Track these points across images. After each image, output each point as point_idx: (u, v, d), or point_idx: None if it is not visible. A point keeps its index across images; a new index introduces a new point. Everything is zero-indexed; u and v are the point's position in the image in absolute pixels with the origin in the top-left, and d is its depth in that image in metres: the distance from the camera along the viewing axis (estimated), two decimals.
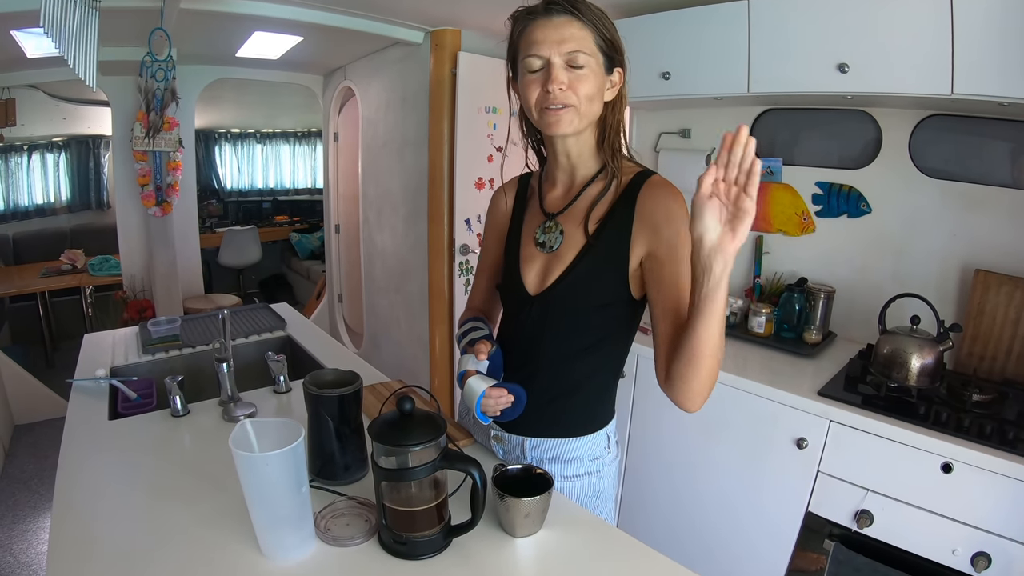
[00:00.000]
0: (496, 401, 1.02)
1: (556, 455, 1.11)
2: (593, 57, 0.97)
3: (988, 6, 1.38)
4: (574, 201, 1.09)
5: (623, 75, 1.04)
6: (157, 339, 1.86)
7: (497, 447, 1.19)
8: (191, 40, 2.91)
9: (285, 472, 0.84)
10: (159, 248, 3.56)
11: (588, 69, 0.97)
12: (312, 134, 6.56)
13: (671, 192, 1.02)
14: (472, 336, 1.15)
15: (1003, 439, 1.36)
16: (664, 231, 1.00)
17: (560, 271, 1.06)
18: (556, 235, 1.09)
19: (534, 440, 1.12)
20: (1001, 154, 1.73)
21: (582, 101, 0.98)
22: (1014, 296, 1.64)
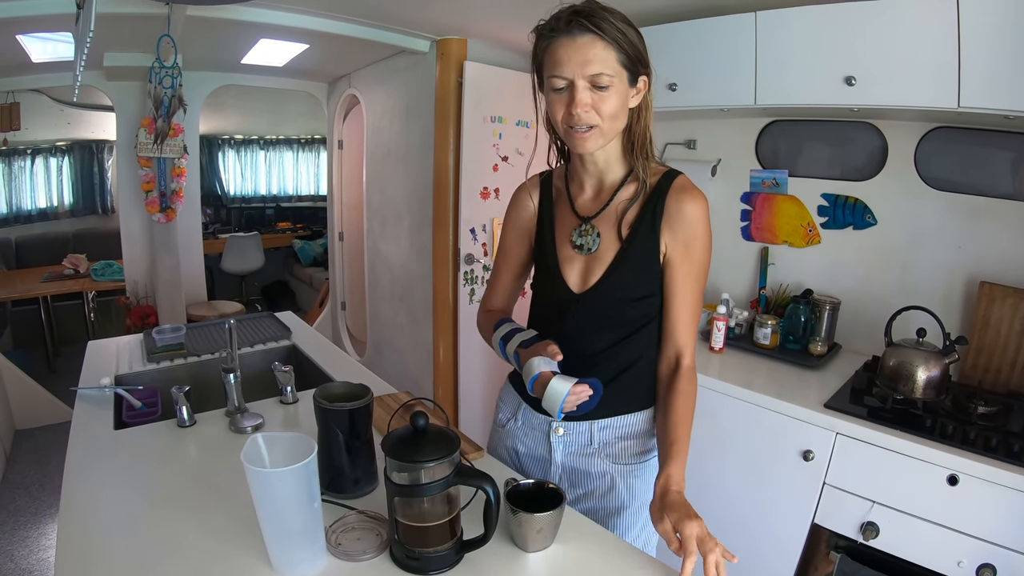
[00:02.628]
0: (578, 397, 1.02)
1: (624, 432, 1.16)
2: (616, 76, 0.99)
3: (995, 20, 1.39)
4: (607, 205, 1.13)
5: (648, 82, 1.06)
6: (162, 347, 1.86)
7: (558, 442, 1.19)
8: (197, 47, 2.91)
9: (297, 487, 0.84)
10: (162, 254, 3.57)
11: (612, 89, 0.99)
12: (316, 141, 6.57)
13: (692, 196, 1.07)
14: (522, 338, 1.15)
15: (1008, 451, 1.36)
16: (680, 233, 1.07)
17: (601, 271, 1.12)
18: (593, 238, 1.13)
19: (602, 421, 1.15)
20: (1006, 166, 1.74)
21: (605, 120, 1.01)
22: (1019, 308, 1.65)
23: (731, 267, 2.45)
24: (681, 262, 1.08)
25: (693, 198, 1.07)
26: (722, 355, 2.06)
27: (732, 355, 2.07)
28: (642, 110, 1.08)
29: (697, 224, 1.07)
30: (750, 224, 2.38)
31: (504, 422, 1.30)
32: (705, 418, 1.85)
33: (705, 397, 1.84)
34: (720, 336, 2.08)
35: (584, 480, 1.19)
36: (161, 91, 2.06)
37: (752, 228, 2.37)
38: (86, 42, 1.40)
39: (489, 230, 3.12)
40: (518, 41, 2.90)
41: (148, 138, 2.60)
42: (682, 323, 1.11)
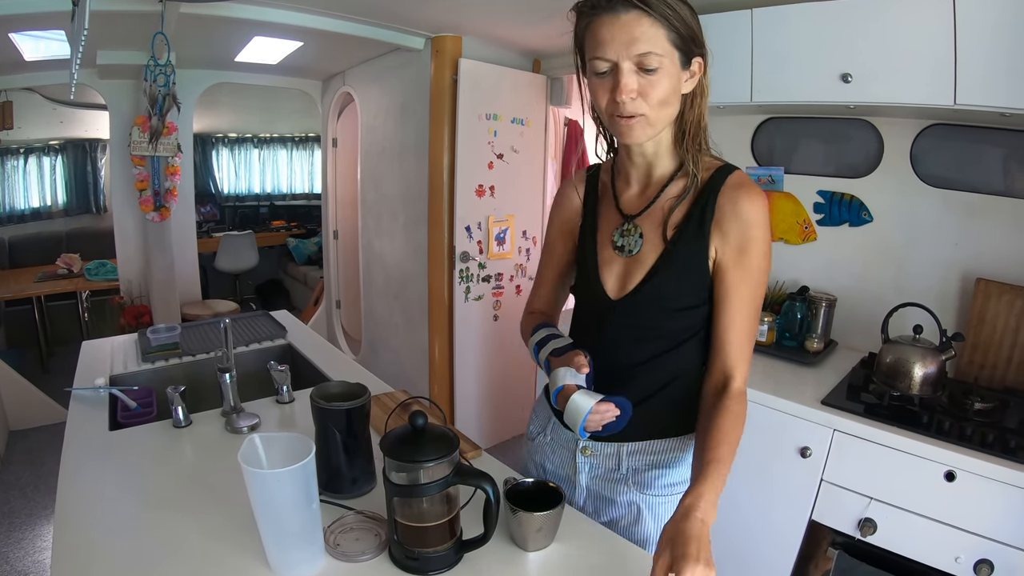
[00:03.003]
0: (602, 416, 0.94)
1: (655, 460, 1.04)
2: (667, 56, 0.87)
3: (991, 17, 1.39)
4: (653, 202, 1.02)
5: (704, 64, 0.94)
6: (157, 347, 1.85)
7: (584, 462, 1.09)
8: (190, 44, 2.90)
9: (296, 488, 0.83)
10: (156, 253, 3.55)
11: (661, 71, 0.88)
12: (310, 139, 6.55)
13: (748, 193, 0.94)
14: (555, 346, 1.07)
15: (1005, 447, 1.37)
16: (733, 236, 0.94)
17: (641, 276, 1.01)
18: (635, 239, 1.02)
19: (632, 445, 1.04)
20: (1002, 163, 1.74)
21: (654, 107, 0.90)
22: (1015, 305, 1.65)
23: None
24: (733, 268, 0.95)
25: (749, 196, 0.94)
26: None
27: None
28: (696, 96, 0.96)
29: (753, 225, 0.93)
30: None
31: (534, 436, 1.23)
32: None
33: None
34: None
35: (609, 508, 1.08)
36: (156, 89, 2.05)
37: None
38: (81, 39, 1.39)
39: (484, 228, 3.13)
40: (513, 38, 2.90)
41: (142, 136, 2.58)
42: (733, 339, 0.96)
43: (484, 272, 3.17)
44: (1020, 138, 1.68)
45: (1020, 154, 1.70)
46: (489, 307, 3.25)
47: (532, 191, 3.36)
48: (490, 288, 3.23)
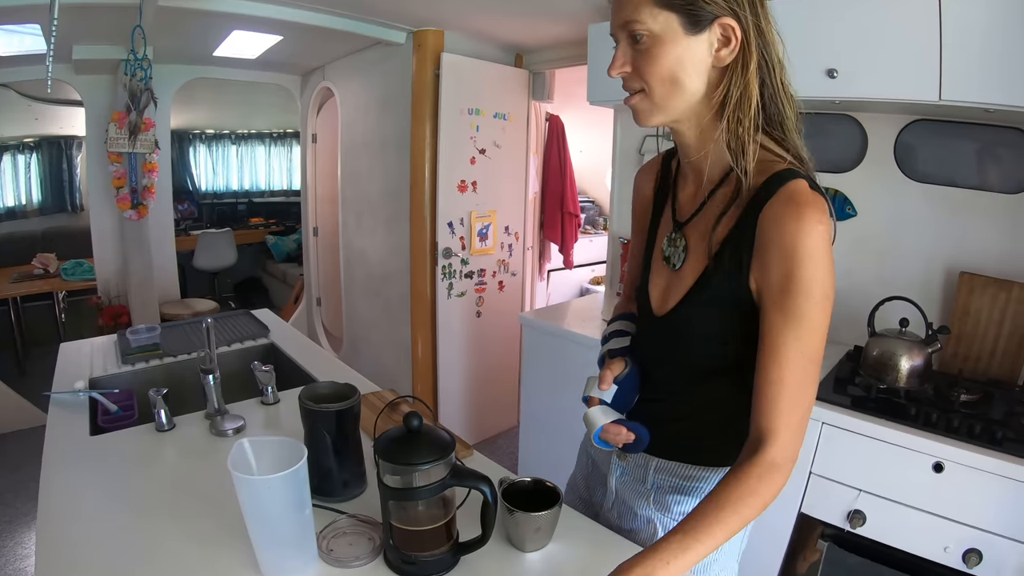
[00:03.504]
0: (615, 437, 0.91)
1: (679, 484, 0.94)
2: (657, 20, 0.76)
3: (977, 13, 1.40)
4: (700, 209, 0.88)
5: (736, 26, 0.76)
6: (136, 348, 1.80)
7: (617, 466, 1.03)
8: (168, 38, 2.83)
9: (288, 494, 0.81)
10: (134, 252, 3.48)
11: (652, 40, 0.77)
12: (288, 135, 6.47)
13: (798, 214, 0.75)
14: (612, 346, 1.00)
15: (992, 439, 1.39)
16: (773, 267, 0.77)
17: (680, 296, 0.89)
18: (680, 251, 0.90)
19: (661, 462, 0.95)
20: (985, 158, 1.76)
21: (652, 83, 0.78)
22: (998, 298, 1.68)
23: None
24: (773, 310, 0.77)
25: (799, 218, 0.74)
26: None
27: None
28: (738, 68, 0.78)
29: (799, 257, 0.74)
30: None
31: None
32: None
33: None
34: None
35: (631, 519, 1.02)
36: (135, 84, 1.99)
37: None
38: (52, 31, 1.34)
39: (467, 224, 3.11)
40: (495, 32, 2.89)
41: (119, 133, 2.52)
42: (771, 395, 0.78)
43: (467, 268, 3.16)
44: (1002, 133, 1.70)
45: (1002, 149, 1.72)
46: (472, 304, 3.24)
47: (514, 186, 3.36)
48: (472, 284, 3.22)
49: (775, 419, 0.78)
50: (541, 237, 3.95)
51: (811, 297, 0.75)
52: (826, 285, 0.76)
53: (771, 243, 0.76)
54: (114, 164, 2.71)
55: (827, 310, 0.77)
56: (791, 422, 0.78)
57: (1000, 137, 1.70)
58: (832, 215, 0.78)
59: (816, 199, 0.77)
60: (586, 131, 4.85)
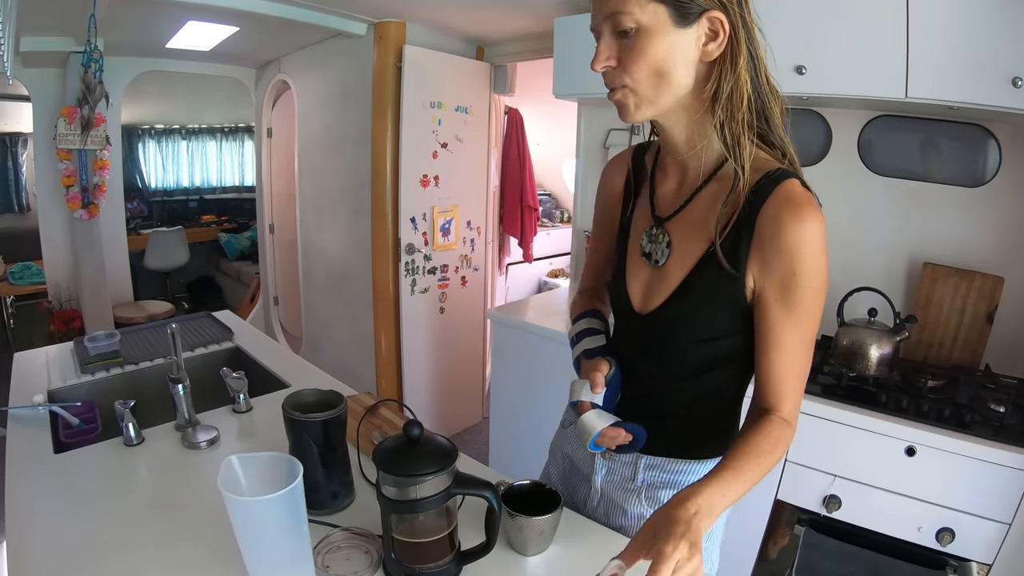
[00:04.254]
0: (612, 440, 0.88)
1: (671, 479, 0.94)
2: (644, 13, 0.74)
3: (942, 14, 1.45)
4: (685, 205, 0.87)
5: (724, 20, 0.75)
6: (96, 357, 1.70)
7: (602, 465, 1.01)
8: (120, 30, 2.68)
9: (285, 513, 0.77)
10: (85, 253, 3.28)
11: (640, 33, 0.75)
12: (240, 129, 6.25)
13: (796, 214, 0.76)
14: (587, 346, 0.98)
15: (960, 422, 1.45)
16: (776, 267, 0.78)
17: (666, 294, 0.88)
18: (663, 248, 0.88)
19: (651, 459, 0.95)
20: (946, 153, 1.83)
21: (639, 77, 0.77)
22: (960, 287, 1.75)
23: None
24: (775, 305, 0.79)
25: (798, 216, 0.76)
26: None
27: None
28: (726, 63, 0.77)
29: (801, 257, 0.76)
30: None
31: (567, 424, 1.13)
32: None
33: None
34: None
35: (619, 516, 1.01)
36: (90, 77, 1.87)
37: None
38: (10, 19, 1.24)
39: (429, 219, 3.08)
40: (457, 24, 2.85)
41: (68, 129, 2.37)
42: (776, 379, 0.81)
43: (429, 264, 3.13)
44: (963, 129, 1.77)
45: (963, 144, 1.79)
46: (435, 299, 3.21)
47: (476, 181, 3.33)
48: (436, 280, 3.19)
49: (783, 398, 0.82)
50: (501, 231, 3.94)
51: (811, 290, 0.78)
52: (824, 277, 0.79)
53: (771, 243, 0.77)
54: (64, 161, 2.55)
55: (824, 298, 0.81)
56: (797, 396, 0.83)
57: (961, 132, 1.77)
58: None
59: (810, 198, 0.79)
60: (543, 124, 4.85)
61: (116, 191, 3.62)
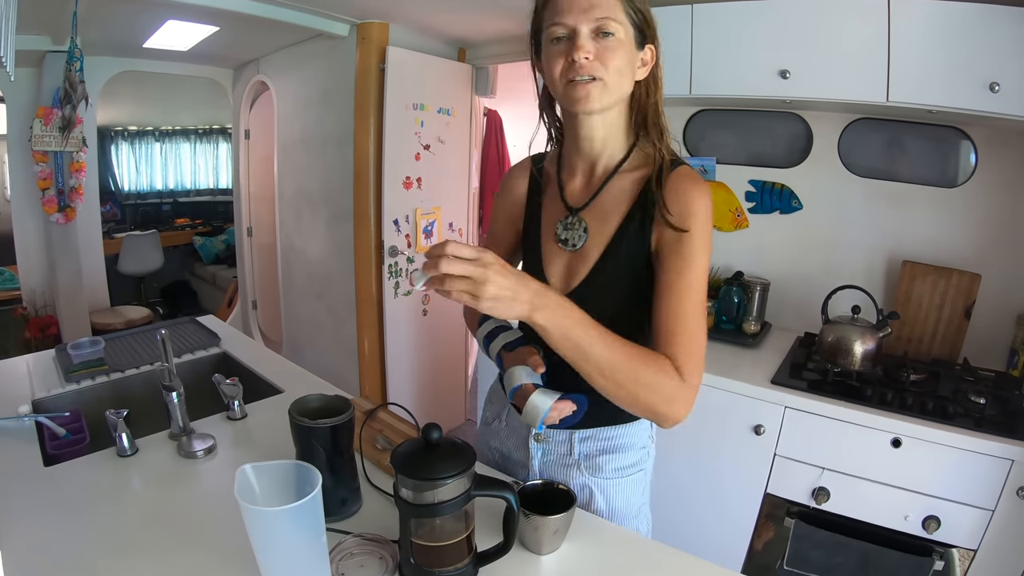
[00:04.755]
0: (560, 412, 0.94)
1: (606, 445, 1.06)
2: (623, 27, 0.90)
3: (923, 21, 1.50)
4: (597, 194, 1.00)
5: (656, 53, 0.96)
6: (80, 364, 1.66)
7: (537, 448, 1.10)
8: (97, 28, 2.61)
9: (306, 523, 0.77)
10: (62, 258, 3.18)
11: (618, 40, 0.89)
12: (214, 131, 6.13)
13: (692, 185, 0.93)
14: (506, 339, 1.05)
15: (944, 414, 1.51)
16: (673, 222, 0.92)
17: (585, 272, 1.00)
18: (579, 232, 1.01)
19: (583, 432, 1.05)
20: (923, 155, 1.90)
21: (611, 74, 0.89)
22: (938, 284, 1.82)
23: None
24: (670, 256, 0.92)
25: (694, 186, 0.92)
26: None
27: None
28: (650, 84, 0.97)
29: (693, 216, 0.91)
30: None
31: (489, 421, 1.24)
32: None
33: None
34: None
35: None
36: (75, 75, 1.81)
37: None
38: None
39: (412, 221, 3.06)
40: (439, 25, 2.85)
41: (44, 130, 2.29)
42: (667, 329, 0.89)
43: (413, 266, 3.12)
44: (941, 132, 1.84)
45: (941, 146, 1.86)
46: (418, 302, 3.20)
47: (458, 182, 3.33)
48: None
49: (675, 346, 0.88)
50: (480, 233, 3.94)
51: (701, 246, 0.91)
52: (709, 243, 0.93)
53: (671, 204, 0.92)
54: (39, 164, 2.46)
55: (708, 264, 0.93)
56: (688, 351, 0.88)
57: (938, 135, 1.84)
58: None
59: (700, 177, 0.96)
60: (521, 126, 4.87)
61: (92, 194, 3.54)
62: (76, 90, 1.82)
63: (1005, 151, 1.79)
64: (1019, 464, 1.39)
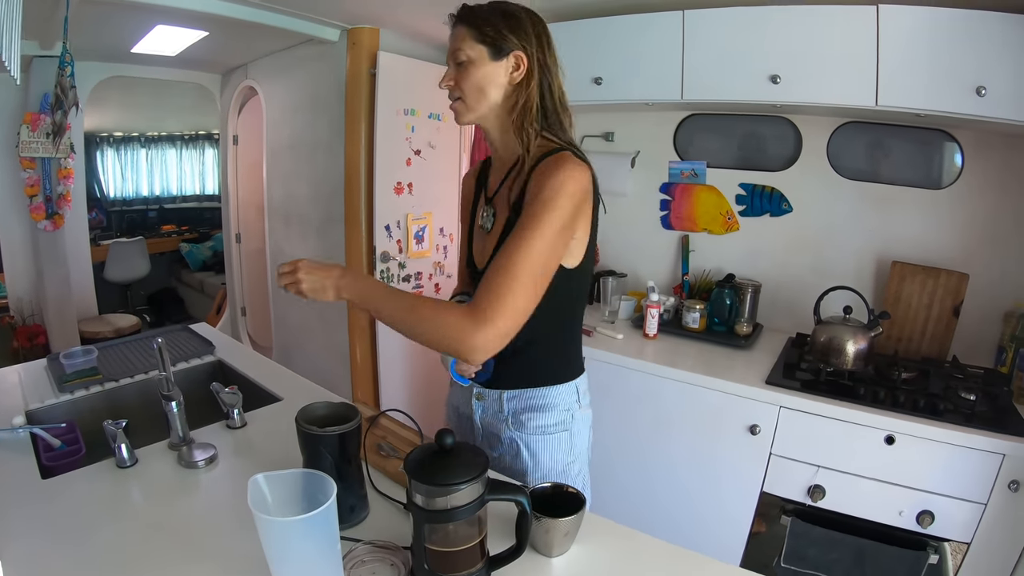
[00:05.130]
0: (467, 365, 1.16)
1: (530, 404, 1.21)
2: (473, 50, 1.09)
3: (911, 27, 1.54)
4: (502, 184, 1.19)
5: (524, 57, 1.10)
6: (73, 374, 1.64)
7: (477, 405, 1.27)
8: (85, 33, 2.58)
9: (322, 533, 0.77)
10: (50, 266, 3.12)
11: (469, 64, 1.09)
12: (200, 137, 6.08)
13: (553, 165, 1.04)
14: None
15: (935, 410, 1.54)
16: (529, 192, 1.05)
17: (491, 249, 1.16)
18: (490, 216, 1.20)
19: (510, 392, 1.21)
20: (910, 157, 1.95)
21: (467, 92, 1.10)
22: (927, 284, 1.86)
23: (652, 255, 2.55)
24: (520, 217, 1.04)
25: (554, 165, 1.04)
26: (656, 341, 2.13)
27: (665, 340, 2.14)
28: (524, 84, 1.11)
29: (545, 185, 1.02)
30: (669, 213, 2.48)
31: (450, 384, 1.38)
32: (648, 402, 1.93)
33: (645, 381, 1.93)
34: (654, 323, 2.13)
35: (497, 444, 1.26)
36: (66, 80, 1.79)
37: (672, 217, 2.48)
38: None
39: (404, 226, 3.06)
40: (428, 30, 2.85)
41: (32, 136, 2.26)
42: (484, 277, 1.01)
43: (404, 272, 3.11)
44: (927, 134, 1.88)
45: (928, 149, 1.90)
46: None
47: (449, 187, 3.33)
48: (411, 288, 3.17)
49: (483, 290, 0.98)
50: None
51: (547, 209, 1.00)
52: (563, 212, 1.01)
53: (532, 183, 1.05)
54: (27, 171, 2.42)
55: (556, 231, 1.01)
56: (491, 289, 0.98)
57: (925, 137, 1.88)
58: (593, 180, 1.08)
59: (576, 160, 1.05)
60: None
61: (80, 201, 3.50)
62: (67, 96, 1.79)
63: (991, 153, 1.84)
64: (1010, 458, 1.43)
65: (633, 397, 1.96)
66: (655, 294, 2.17)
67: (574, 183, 1.02)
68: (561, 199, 1.01)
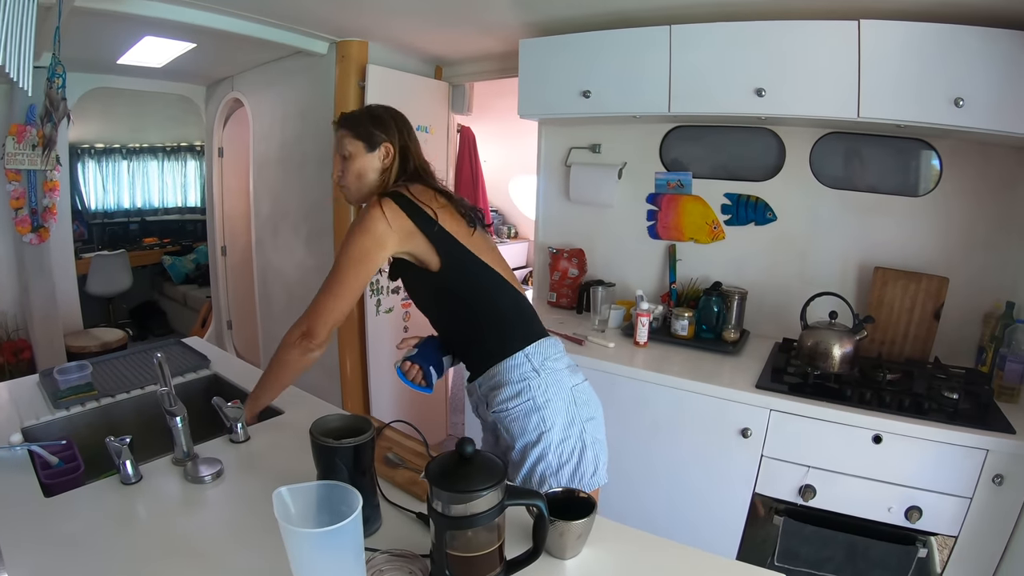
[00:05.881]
0: (411, 372, 1.47)
1: (491, 383, 1.39)
2: (353, 146, 1.38)
3: (891, 40, 1.61)
4: None
5: (392, 147, 1.39)
6: (68, 391, 1.62)
7: (469, 400, 1.53)
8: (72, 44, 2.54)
9: (348, 543, 0.78)
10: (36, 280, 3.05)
11: (351, 159, 1.38)
12: (183, 149, 6.01)
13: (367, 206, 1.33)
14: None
15: (920, 410, 1.60)
16: None
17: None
18: None
19: (480, 378, 1.41)
20: (891, 166, 2.02)
21: (349, 180, 1.40)
22: (908, 288, 1.92)
23: (639, 265, 2.59)
24: None
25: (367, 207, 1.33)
26: (647, 349, 2.17)
27: (655, 348, 2.18)
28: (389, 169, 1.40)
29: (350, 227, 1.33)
30: (656, 223, 2.52)
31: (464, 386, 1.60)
32: (641, 409, 1.96)
33: (638, 389, 1.96)
34: (644, 331, 2.17)
35: (489, 431, 1.49)
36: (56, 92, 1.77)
37: (659, 227, 2.52)
38: None
39: None
40: (417, 43, 2.87)
41: (17, 148, 2.22)
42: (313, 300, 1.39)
43: (394, 284, 3.12)
44: (906, 144, 1.96)
45: (907, 158, 1.98)
46: (399, 319, 3.20)
47: None
48: (399, 299, 3.18)
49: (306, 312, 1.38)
50: None
51: (344, 246, 1.32)
52: (353, 247, 1.30)
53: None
54: (12, 183, 2.38)
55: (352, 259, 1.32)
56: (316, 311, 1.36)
57: (905, 147, 1.96)
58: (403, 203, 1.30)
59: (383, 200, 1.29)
60: (491, 142, 4.91)
61: (64, 214, 3.41)
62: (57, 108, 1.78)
63: (967, 161, 1.92)
64: (993, 453, 1.49)
65: (626, 405, 1.99)
66: (644, 303, 2.20)
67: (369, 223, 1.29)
68: (353, 237, 1.30)
